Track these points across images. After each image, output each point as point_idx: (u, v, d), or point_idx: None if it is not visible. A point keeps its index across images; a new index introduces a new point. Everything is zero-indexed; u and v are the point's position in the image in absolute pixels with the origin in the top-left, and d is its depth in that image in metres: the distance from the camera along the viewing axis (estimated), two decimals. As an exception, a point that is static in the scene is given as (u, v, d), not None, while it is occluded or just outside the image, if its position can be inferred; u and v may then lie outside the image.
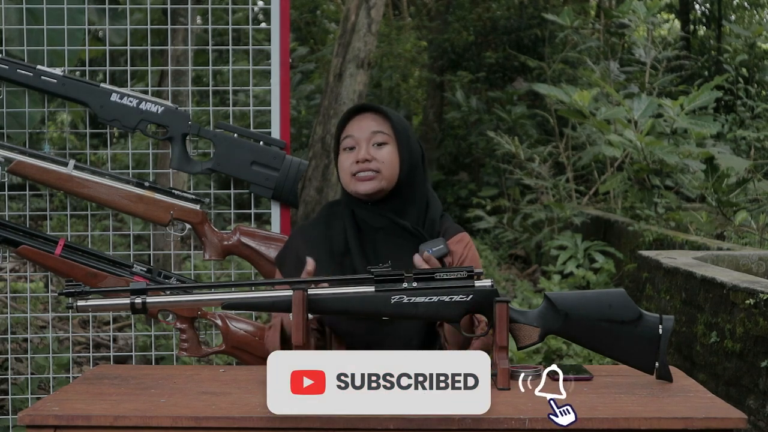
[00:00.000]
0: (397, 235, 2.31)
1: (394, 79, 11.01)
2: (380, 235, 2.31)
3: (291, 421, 1.69)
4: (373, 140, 2.32)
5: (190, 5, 3.34)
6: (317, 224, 2.40)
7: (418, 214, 2.34)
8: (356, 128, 2.34)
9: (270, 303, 1.98)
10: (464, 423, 1.69)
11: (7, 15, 2.99)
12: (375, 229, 2.32)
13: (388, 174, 2.31)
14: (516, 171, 8.11)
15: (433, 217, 2.36)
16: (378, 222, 2.32)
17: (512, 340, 1.99)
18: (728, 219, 6.06)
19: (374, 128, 2.33)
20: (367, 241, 2.31)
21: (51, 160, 2.78)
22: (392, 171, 2.32)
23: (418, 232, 2.31)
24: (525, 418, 1.68)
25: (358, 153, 2.31)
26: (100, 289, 2.19)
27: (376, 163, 2.30)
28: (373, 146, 2.32)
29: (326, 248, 2.32)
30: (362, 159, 2.30)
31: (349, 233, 2.32)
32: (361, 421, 1.70)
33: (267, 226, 3.07)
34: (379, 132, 2.33)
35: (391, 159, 2.32)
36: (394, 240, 2.30)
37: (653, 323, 1.97)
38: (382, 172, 2.31)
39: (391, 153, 2.32)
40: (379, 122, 2.34)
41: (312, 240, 2.36)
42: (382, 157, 2.31)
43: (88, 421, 1.70)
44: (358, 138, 2.33)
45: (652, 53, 8.18)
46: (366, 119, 2.35)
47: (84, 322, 5.21)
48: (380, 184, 2.31)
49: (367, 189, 2.30)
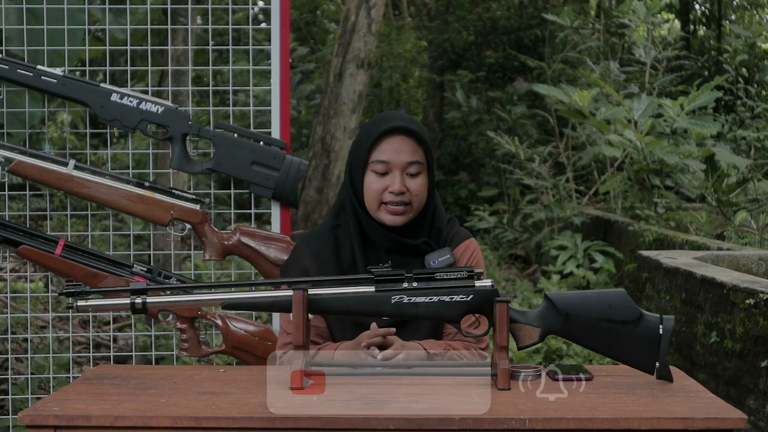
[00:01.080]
0: (405, 252, 2.28)
1: (394, 79, 11.00)
2: (389, 254, 2.27)
3: (291, 421, 1.69)
4: (408, 170, 2.25)
5: (190, 5, 3.34)
6: (324, 239, 2.33)
7: (427, 228, 2.32)
8: (392, 152, 2.24)
9: (270, 303, 1.98)
10: (464, 423, 1.69)
11: (7, 15, 2.99)
12: (384, 248, 2.28)
13: (417, 206, 2.27)
14: (516, 171, 8.11)
15: (440, 225, 2.33)
16: (388, 243, 2.28)
17: (512, 340, 1.99)
18: (728, 219, 6.06)
19: (410, 157, 2.24)
20: (373, 256, 2.27)
21: (51, 160, 2.78)
22: (422, 202, 2.28)
23: (429, 248, 2.28)
24: (525, 418, 1.68)
25: (392, 183, 2.24)
26: (100, 289, 2.19)
27: (408, 195, 2.25)
28: (407, 176, 2.25)
29: (335, 267, 2.29)
30: (397, 191, 2.23)
31: (357, 253, 2.27)
32: (361, 421, 1.70)
33: (267, 226, 3.07)
34: (415, 163, 2.25)
35: (423, 190, 2.27)
36: (401, 257, 2.26)
37: (653, 323, 1.97)
38: (412, 204, 2.26)
39: (422, 184, 2.27)
40: (415, 149, 2.25)
41: (322, 258, 2.30)
42: (415, 189, 2.25)
43: (88, 421, 1.70)
44: (392, 164, 2.24)
45: (652, 53, 8.18)
46: (402, 143, 2.25)
47: (84, 322, 5.21)
48: (409, 217, 2.27)
49: (396, 222, 2.26)
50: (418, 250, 2.28)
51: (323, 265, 2.29)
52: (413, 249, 2.28)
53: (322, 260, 2.30)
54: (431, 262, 2.15)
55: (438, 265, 2.14)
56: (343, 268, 2.28)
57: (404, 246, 2.28)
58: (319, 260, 2.30)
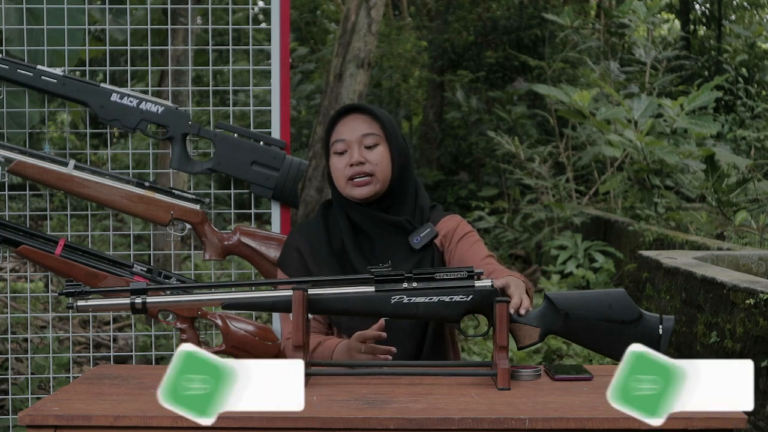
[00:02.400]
0: (391, 231, 2.33)
1: (394, 79, 11.00)
2: (375, 234, 2.33)
3: (291, 421, 1.69)
4: (364, 142, 2.32)
5: (190, 5, 3.34)
6: (315, 224, 2.42)
7: (409, 206, 2.36)
8: (346, 131, 2.34)
9: (270, 303, 1.99)
10: (464, 423, 1.69)
11: (7, 15, 2.98)
12: (370, 228, 2.33)
13: (381, 176, 2.33)
14: (516, 171, 8.11)
15: (423, 204, 2.39)
16: (372, 222, 2.34)
17: (512, 340, 1.99)
18: (728, 219, 6.05)
19: (364, 130, 2.33)
20: (363, 241, 2.33)
21: (51, 160, 2.77)
22: (385, 172, 2.33)
23: (411, 226, 2.33)
24: (525, 418, 1.68)
25: (351, 156, 2.32)
26: (101, 289, 2.19)
27: (369, 165, 2.31)
28: (365, 148, 2.32)
29: (326, 247, 2.35)
30: (356, 162, 2.30)
31: (345, 233, 2.34)
32: (361, 421, 1.70)
33: (267, 226, 3.07)
34: (370, 134, 2.33)
35: (383, 159, 2.33)
36: (388, 237, 2.32)
37: (653, 323, 1.97)
38: (376, 174, 2.32)
39: (382, 153, 2.33)
40: (369, 123, 2.34)
41: (312, 239, 2.38)
42: (374, 158, 2.32)
43: (88, 421, 1.70)
44: (348, 141, 2.33)
45: (652, 53, 8.18)
46: (355, 120, 2.34)
47: (84, 322, 5.21)
48: (375, 187, 2.32)
49: (363, 194, 2.32)
50: (401, 227, 2.33)
51: (316, 247, 2.36)
52: (396, 226, 2.33)
53: (313, 242, 2.37)
54: (414, 240, 2.20)
55: (420, 241, 2.18)
56: (335, 251, 2.34)
57: (386, 222, 2.33)
58: (311, 242, 2.37)
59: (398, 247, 2.29)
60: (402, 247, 2.29)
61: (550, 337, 2.05)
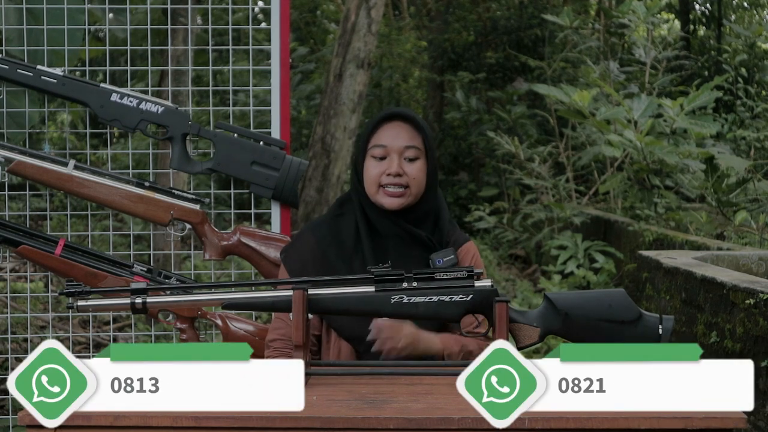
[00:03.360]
0: (409, 243, 2.29)
1: (394, 79, 11.00)
2: (392, 242, 2.29)
3: (291, 420, 1.69)
4: (405, 154, 2.27)
5: (190, 5, 3.34)
6: (327, 222, 2.36)
7: (429, 223, 2.32)
8: (389, 137, 2.28)
9: (270, 303, 1.98)
10: (464, 423, 1.69)
11: (7, 15, 2.99)
12: (388, 235, 2.29)
13: (416, 191, 2.29)
14: (516, 171, 8.11)
15: (443, 225, 2.34)
16: (392, 230, 2.29)
17: (512, 339, 1.99)
18: (728, 219, 6.06)
19: (407, 142, 2.27)
20: (379, 245, 2.29)
21: (51, 160, 2.78)
22: (420, 187, 2.29)
23: (431, 243, 2.29)
24: (525, 418, 1.68)
25: (390, 165, 2.26)
26: (101, 289, 2.19)
27: (406, 178, 2.26)
28: (405, 160, 2.27)
29: (336, 245, 2.30)
30: (394, 173, 2.25)
31: (363, 234, 2.29)
32: (360, 421, 1.70)
33: (267, 226, 3.07)
34: (413, 147, 2.28)
35: (421, 175, 2.29)
36: (405, 248, 2.28)
37: (653, 323, 1.97)
38: (411, 188, 2.27)
39: (421, 169, 2.29)
40: (412, 134, 2.29)
41: (322, 238, 2.32)
42: (413, 173, 2.27)
43: (88, 421, 1.70)
44: (390, 148, 2.27)
45: (652, 53, 8.18)
46: (399, 128, 2.29)
47: (84, 322, 5.21)
48: (407, 200, 2.28)
49: (393, 205, 2.27)
50: (420, 240, 2.29)
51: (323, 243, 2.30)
52: (416, 239, 2.29)
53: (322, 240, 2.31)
54: (437, 261, 2.15)
55: (442, 264, 2.14)
56: (345, 254, 2.29)
57: (408, 234, 2.29)
58: (319, 240, 2.31)
59: (415, 260, 2.22)
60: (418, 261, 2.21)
61: (550, 337, 2.05)
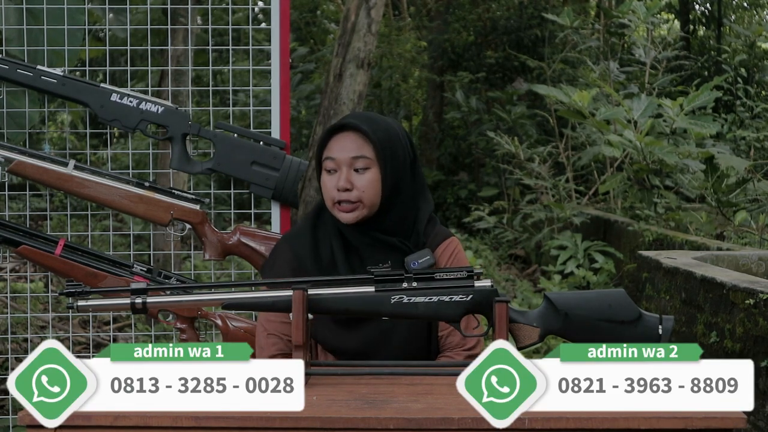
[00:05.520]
0: (383, 250, 2.25)
1: (394, 79, 11.00)
2: (366, 251, 2.25)
3: (291, 420, 1.69)
4: (354, 165, 2.21)
5: (190, 5, 3.34)
6: (303, 235, 2.31)
7: (405, 224, 2.28)
8: (337, 149, 2.22)
9: (270, 303, 1.98)
10: (464, 423, 1.69)
11: (7, 15, 2.99)
12: (361, 246, 2.26)
13: (369, 202, 2.23)
14: (516, 171, 8.11)
15: (420, 228, 2.29)
16: (363, 239, 2.26)
17: (512, 340, 1.99)
18: (728, 219, 6.06)
19: (355, 152, 2.21)
20: (353, 257, 2.26)
21: (51, 160, 2.78)
22: (374, 197, 2.23)
23: (406, 246, 2.25)
24: (525, 418, 1.68)
25: (339, 179, 2.21)
26: (101, 289, 2.19)
27: (356, 192, 2.21)
28: (354, 171, 2.22)
29: (314, 262, 2.27)
30: (342, 188, 2.20)
31: (336, 248, 2.25)
32: (360, 421, 1.70)
33: (267, 226, 3.08)
34: (360, 157, 2.21)
35: (373, 185, 2.22)
36: (379, 255, 2.23)
37: (653, 323, 1.97)
38: (363, 201, 2.22)
39: (372, 179, 2.22)
40: (361, 145, 2.22)
41: (300, 255, 2.28)
42: (362, 185, 2.21)
43: (88, 421, 1.70)
44: (338, 161, 2.22)
45: (651, 53, 8.18)
46: (347, 139, 2.22)
47: (84, 322, 5.21)
48: (362, 213, 2.23)
49: (348, 219, 2.22)
50: (395, 246, 2.25)
51: (301, 259, 2.27)
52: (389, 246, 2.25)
53: (300, 256, 2.28)
54: (411, 264, 2.11)
55: (418, 266, 2.11)
56: (323, 265, 2.26)
57: (379, 242, 2.25)
58: (297, 257, 2.28)
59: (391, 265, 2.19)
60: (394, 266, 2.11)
61: (550, 337, 2.05)
